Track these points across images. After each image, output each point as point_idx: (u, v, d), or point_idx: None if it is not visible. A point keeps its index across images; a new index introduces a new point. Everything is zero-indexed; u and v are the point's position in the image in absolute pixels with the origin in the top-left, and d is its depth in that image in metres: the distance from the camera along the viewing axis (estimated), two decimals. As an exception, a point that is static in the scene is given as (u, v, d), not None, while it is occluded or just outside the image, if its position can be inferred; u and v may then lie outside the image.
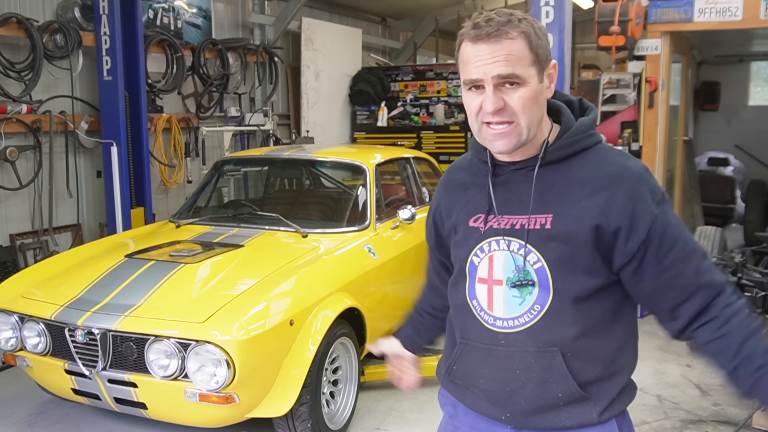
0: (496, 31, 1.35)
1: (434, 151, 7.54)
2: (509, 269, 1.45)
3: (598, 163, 1.43)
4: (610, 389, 1.47)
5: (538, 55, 1.38)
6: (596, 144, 1.48)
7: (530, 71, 1.37)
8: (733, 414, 3.82)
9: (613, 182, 1.40)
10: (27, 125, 4.90)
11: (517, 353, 1.45)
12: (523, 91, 1.37)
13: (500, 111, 1.37)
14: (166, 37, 5.90)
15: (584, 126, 1.47)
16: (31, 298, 3.37)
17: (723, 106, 11.09)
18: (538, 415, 1.47)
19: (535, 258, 1.42)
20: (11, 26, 4.70)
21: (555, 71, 1.44)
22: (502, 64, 1.35)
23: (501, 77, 1.36)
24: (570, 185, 1.42)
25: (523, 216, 1.44)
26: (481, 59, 1.36)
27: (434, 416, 3.79)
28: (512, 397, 1.47)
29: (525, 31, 1.36)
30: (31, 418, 3.76)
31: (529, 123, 1.39)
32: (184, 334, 2.92)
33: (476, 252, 1.50)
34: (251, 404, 3.06)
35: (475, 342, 1.51)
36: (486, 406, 1.53)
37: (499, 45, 1.35)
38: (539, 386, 1.44)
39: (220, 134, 6.48)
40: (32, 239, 5.08)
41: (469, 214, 1.53)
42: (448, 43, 10.68)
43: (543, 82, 1.41)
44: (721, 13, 5.66)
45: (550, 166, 1.45)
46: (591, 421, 1.45)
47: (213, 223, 4.30)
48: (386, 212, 4.37)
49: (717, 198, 8.97)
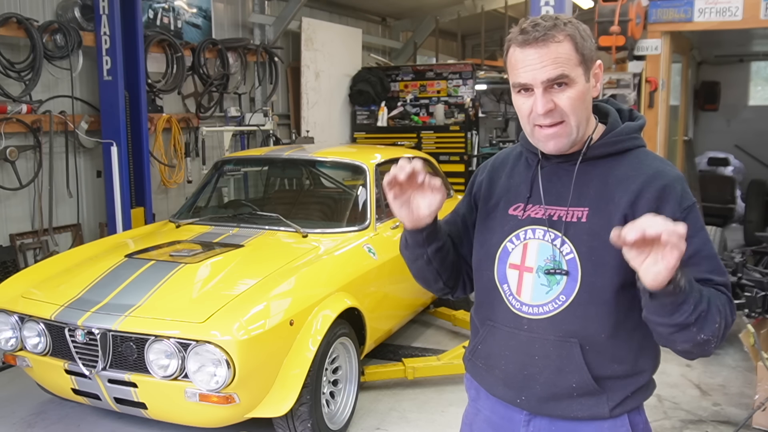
0: (543, 36, 1.40)
1: (434, 151, 7.54)
2: (542, 258, 1.50)
3: (636, 164, 1.49)
4: (626, 387, 1.50)
5: (584, 55, 1.44)
6: (638, 147, 1.53)
7: (577, 71, 1.43)
8: (733, 414, 3.82)
9: (645, 181, 1.45)
10: (27, 125, 4.90)
11: (538, 339, 1.50)
12: (571, 92, 1.43)
13: (551, 112, 1.43)
14: (166, 37, 5.90)
15: (629, 129, 1.53)
16: (31, 298, 3.37)
17: (723, 106, 11.10)
18: (552, 402, 1.52)
19: (568, 249, 1.47)
20: (11, 26, 4.70)
21: (600, 71, 1.49)
22: (551, 68, 1.40)
23: (550, 80, 1.41)
24: (607, 182, 1.48)
25: (561, 208, 1.50)
26: (529, 64, 1.42)
27: (434, 416, 3.80)
28: (529, 382, 1.52)
29: (571, 34, 1.42)
30: (31, 418, 3.76)
31: (578, 122, 1.46)
32: (184, 334, 2.92)
33: (511, 239, 1.55)
34: (251, 404, 3.06)
35: (501, 325, 1.57)
36: (503, 389, 1.59)
37: (547, 49, 1.41)
38: (555, 374, 1.49)
39: (220, 134, 6.48)
40: (32, 239, 5.08)
41: (509, 203, 1.59)
42: (448, 43, 10.69)
43: (589, 82, 1.47)
44: (721, 13, 5.66)
45: (592, 163, 1.50)
46: (602, 414, 1.50)
47: (213, 223, 4.30)
48: (386, 212, 4.37)
49: (717, 198, 8.98)
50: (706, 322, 1.32)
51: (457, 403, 3.90)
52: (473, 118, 7.98)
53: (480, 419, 1.68)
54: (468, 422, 1.74)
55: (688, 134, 9.25)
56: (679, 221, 1.31)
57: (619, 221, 1.42)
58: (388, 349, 4.66)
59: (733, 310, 1.40)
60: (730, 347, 4.79)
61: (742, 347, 4.22)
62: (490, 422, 1.64)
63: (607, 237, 1.40)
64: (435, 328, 5.28)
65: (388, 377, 4.13)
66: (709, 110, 11.14)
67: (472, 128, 7.96)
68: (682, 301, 1.28)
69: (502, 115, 8.84)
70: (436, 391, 4.10)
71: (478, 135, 8.07)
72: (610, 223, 1.41)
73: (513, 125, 8.74)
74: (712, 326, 1.33)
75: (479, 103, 8.17)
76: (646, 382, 1.53)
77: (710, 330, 1.33)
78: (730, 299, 1.41)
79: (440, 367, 4.12)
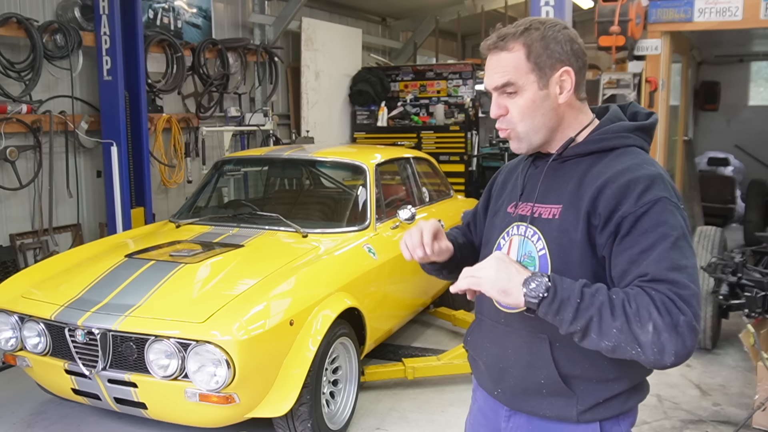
0: (495, 45, 1.48)
1: (434, 151, 7.54)
2: (521, 253, 1.53)
3: (615, 162, 1.46)
4: (598, 392, 1.47)
5: (537, 64, 1.45)
6: (627, 147, 1.49)
7: (527, 79, 1.46)
8: (733, 414, 3.83)
9: (611, 177, 1.42)
10: (27, 125, 4.90)
11: (512, 333, 1.55)
12: (519, 99, 1.48)
13: (502, 117, 1.51)
14: (166, 37, 5.90)
15: (618, 128, 1.51)
16: (31, 298, 3.37)
17: (723, 106, 11.10)
18: (523, 397, 1.55)
19: (541, 245, 1.49)
20: (11, 26, 4.71)
21: (569, 77, 1.47)
22: (498, 76, 1.48)
23: (496, 87, 1.49)
24: (583, 179, 1.48)
25: (544, 205, 1.52)
26: (487, 69, 1.52)
27: (434, 416, 3.80)
28: (503, 375, 1.58)
29: (526, 43, 1.45)
30: (31, 418, 3.76)
31: (528, 129, 1.50)
32: (184, 334, 2.92)
33: (503, 235, 1.60)
34: (251, 404, 3.06)
35: (486, 317, 1.64)
36: (486, 381, 1.66)
37: (497, 57, 1.49)
38: (525, 369, 1.52)
39: (220, 134, 6.48)
40: (32, 239, 5.08)
41: (509, 201, 1.64)
42: (448, 43, 10.69)
43: (548, 89, 1.46)
44: (721, 13, 5.66)
45: (576, 160, 1.51)
46: (569, 417, 1.49)
47: (213, 223, 4.30)
48: (386, 212, 4.37)
49: (717, 198, 8.98)
50: (601, 328, 1.28)
51: (457, 403, 3.90)
52: (473, 118, 7.99)
53: (476, 408, 1.76)
54: (471, 411, 1.81)
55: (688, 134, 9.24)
56: (634, 215, 1.35)
57: (582, 217, 1.43)
58: (388, 349, 4.66)
59: (683, 309, 1.27)
60: (730, 347, 4.79)
61: (742, 347, 4.21)
62: (482, 412, 1.71)
63: (572, 234, 1.45)
64: (435, 328, 5.28)
65: (388, 377, 4.13)
66: (709, 110, 11.15)
67: (472, 128, 7.97)
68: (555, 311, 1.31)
69: (502, 115, 8.83)
70: (436, 391, 4.10)
71: (478, 135, 8.07)
72: (577, 220, 1.44)
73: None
74: (611, 332, 1.27)
75: (479, 103, 8.17)
76: (621, 391, 1.48)
77: (614, 336, 1.27)
78: (675, 299, 1.28)
79: (440, 367, 4.12)
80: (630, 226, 1.36)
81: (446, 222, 4.99)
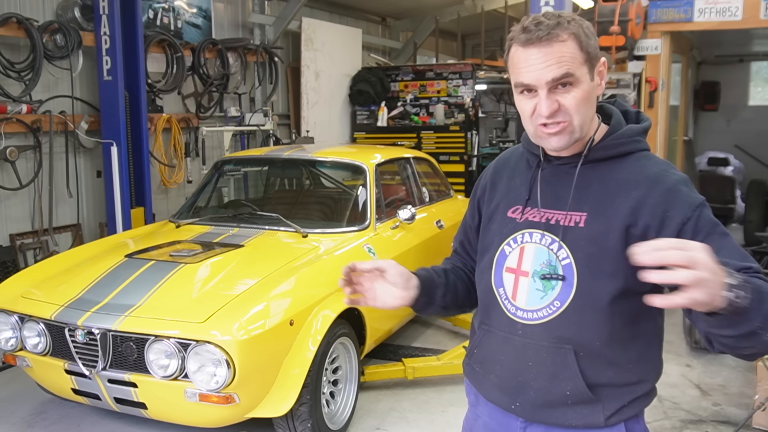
0: (547, 35, 1.35)
1: (434, 151, 7.54)
2: (538, 262, 1.46)
3: (639, 168, 1.44)
4: (623, 396, 1.46)
5: (589, 53, 1.39)
6: (641, 151, 1.48)
7: (582, 70, 1.38)
8: (733, 414, 3.83)
9: (648, 185, 1.40)
10: (27, 125, 4.90)
11: (532, 345, 1.47)
12: (576, 92, 1.38)
13: (555, 113, 1.39)
14: (166, 37, 5.90)
15: (631, 131, 1.48)
16: (31, 298, 3.37)
17: (723, 106, 11.11)
18: (546, 409, 1.49)
19: (565, 254, 1.44)
20: (11, 26, 4.70)
21: (605, 68, 1.45)
22: (555, 67, 1.35)
23: (555, 80, 1.36)
24: (607, 186, 1.44)
25: (560, 212, 1.46)
26: (532, 63, 1.37)
27: (434, 416, 3.80)
28: (523, 388, 1.50)
29: (575, 32, 1.37)
30: (31, 418, 3.76)
31: (581, 121, 1.41)
32: (184, 334, 2.92)
33: (509, 242, 1.52)
34: (251, 404, 3.06)
35: (496, 329, 1.54)
36: (499, 395, 1.56)
37: (551, 48, 1.36)
38: (549, 381, 1.46)
39: (220, 134, 6.48)
40: (32, 239, 5.08)
41: (508, 205, 1.56)
42: (448, 43, 10.69)
43: (594, 80, 1.42)
44: (721, 13, 5.67)
45: (592, 165, 1.46)
46: (597, 423, 1.46)
47: (213, 223, 4.30)
48: (386, 212, 4.37)
49: (717, 198, 8.97)
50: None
51: (457, 403, 3.90)
52: (473, 118, 7.98)
53: (479, 425, 1.66)
54: (468, 428, 1.71)
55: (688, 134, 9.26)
56: (692, 220, 1.31)
57: (620, 229, 1.39)
58: (388, 349, 4.66)
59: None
60: (730, 347, 4.79)
61: (742, 347, 4.21)
62: (488, 428, 1.62)
63: (605, 243, 1.39)
64: (435, 328, 5.28)
65: (388, 377, 4.13)
66: (709, 110, 11.16)
67: (472, 128, 7.96)
68: (745, 310, 1.16)
69: (502, 115, 8.84)
70: (436, 391, 4.10)
71: (478, 135, 8.06)
72: (609, 230, 1.40)
73: (513, 125, 8.74)
74: None
75: (479, 103, 8.17)
76: (646, 391, 1.49)
77: None
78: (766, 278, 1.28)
79: (440, 367, 4.12)
80: (692, 231, 1.34)
81: (446, 221, 4.99)
